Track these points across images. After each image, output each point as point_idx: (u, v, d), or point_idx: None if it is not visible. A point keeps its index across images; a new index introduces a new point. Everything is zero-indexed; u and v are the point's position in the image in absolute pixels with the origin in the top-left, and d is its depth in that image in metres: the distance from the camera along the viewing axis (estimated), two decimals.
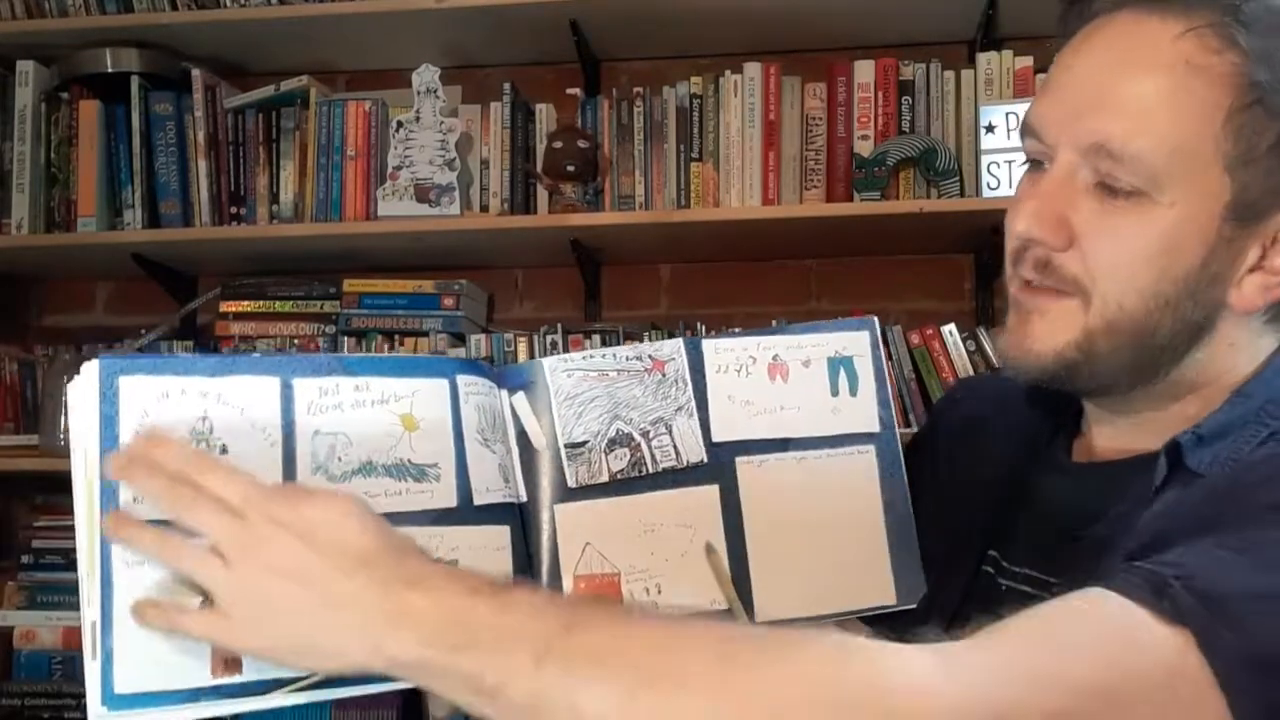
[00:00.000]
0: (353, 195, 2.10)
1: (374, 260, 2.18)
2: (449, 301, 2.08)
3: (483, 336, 2.08)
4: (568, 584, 0.84)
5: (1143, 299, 0.74)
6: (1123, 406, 0.81)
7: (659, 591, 0.85)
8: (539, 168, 2.09)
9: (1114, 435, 0.83)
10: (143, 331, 2.20)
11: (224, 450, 0.75)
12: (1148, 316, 0.74)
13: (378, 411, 0.80)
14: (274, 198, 2.13)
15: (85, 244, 2.11)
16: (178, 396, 0.75)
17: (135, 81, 2.12)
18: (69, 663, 2.06)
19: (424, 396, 0.81)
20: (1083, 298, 0.76)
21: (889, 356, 1.94)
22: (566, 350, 1.97)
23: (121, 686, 0.71)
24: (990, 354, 1.94)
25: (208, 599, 0.70)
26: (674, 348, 0.88)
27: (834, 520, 0.88)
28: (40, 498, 2.23)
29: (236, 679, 0.73)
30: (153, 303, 2.24)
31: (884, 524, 0.89)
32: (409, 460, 0.80)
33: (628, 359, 0.88)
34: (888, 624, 0.92)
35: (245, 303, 2.15)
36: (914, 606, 0.89)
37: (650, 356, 0.88)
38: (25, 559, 2.15)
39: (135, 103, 2.12)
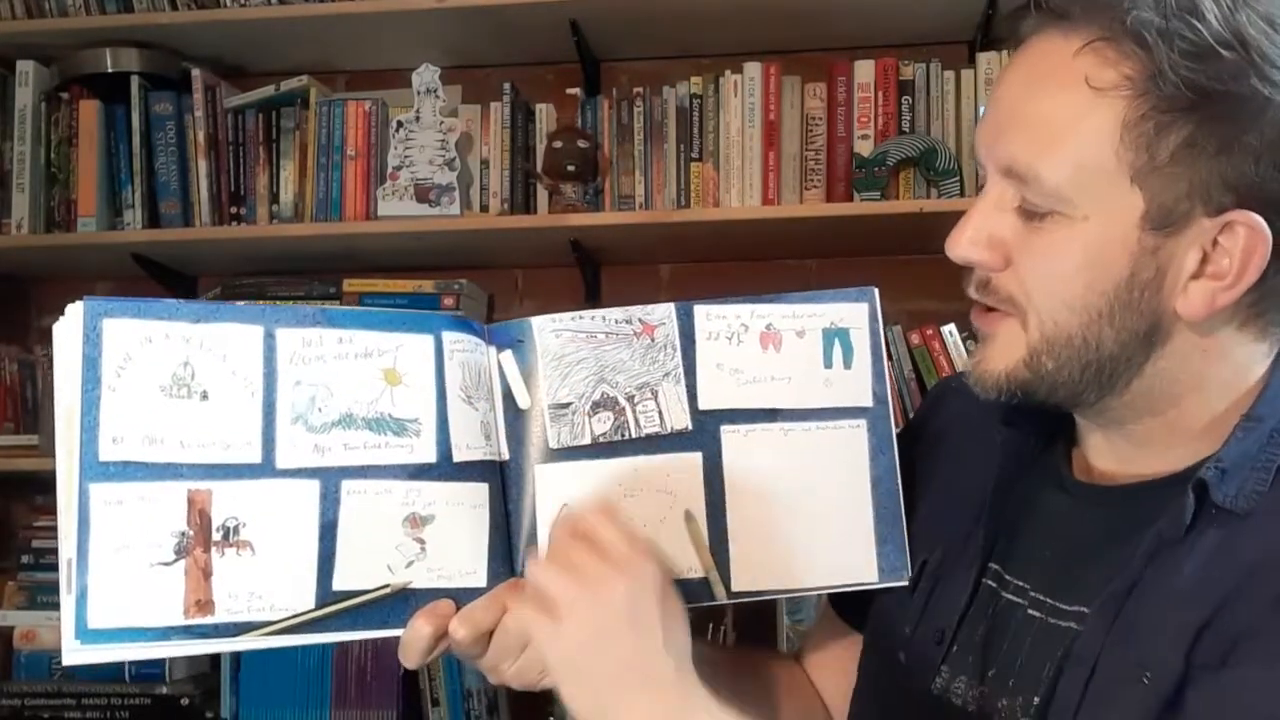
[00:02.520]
0: (353, 195, 2.10)
1: (374, 260, 2.18)
2: (449, 301, 2.08)
3: None
4: (544, 544, 0.84)
5: (1075, 314, 0.74)
6: (1106, 420, 0.80)
7: None
8: (539, 168, 2.09)
9: (1111, 452, 0.82)
10: None
11: (204, 397, 0.77)
12: (1084, 330, 0.74)
13: (360, 364, 0.80)
14: (274, 198, 2.13)
15: (85, 244, 2.11)
16: (161, 341, 0.76)
17: (135, 81, 2.12)
18: None
19: (408, 351, 0.82)
20: (1021, 317, 0.76)
21: (888, 357, 1.94)
22: None
23: (95, 622, 0.73)
24: None
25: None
26: (665, 312, 0.87)
27: (818, 494, 0.87)
28: (40, 498, 2.23)
29: (209, 620, 0.75)
30: None
31: (871, 500, 0.87)
32: (390, 414, 0.81)
33: (617, 322, 0.87)
34: (883, 630, 0.91)
35: (245, 302, 2.14)
36: (904, 584, 0.88)
37: (640, 320, 0.87)
38: (25, 559, 2.15)
39: (135, 103, 2.12)
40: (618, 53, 2.19)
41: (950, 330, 1.95)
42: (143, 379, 0.76)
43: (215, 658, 2.01)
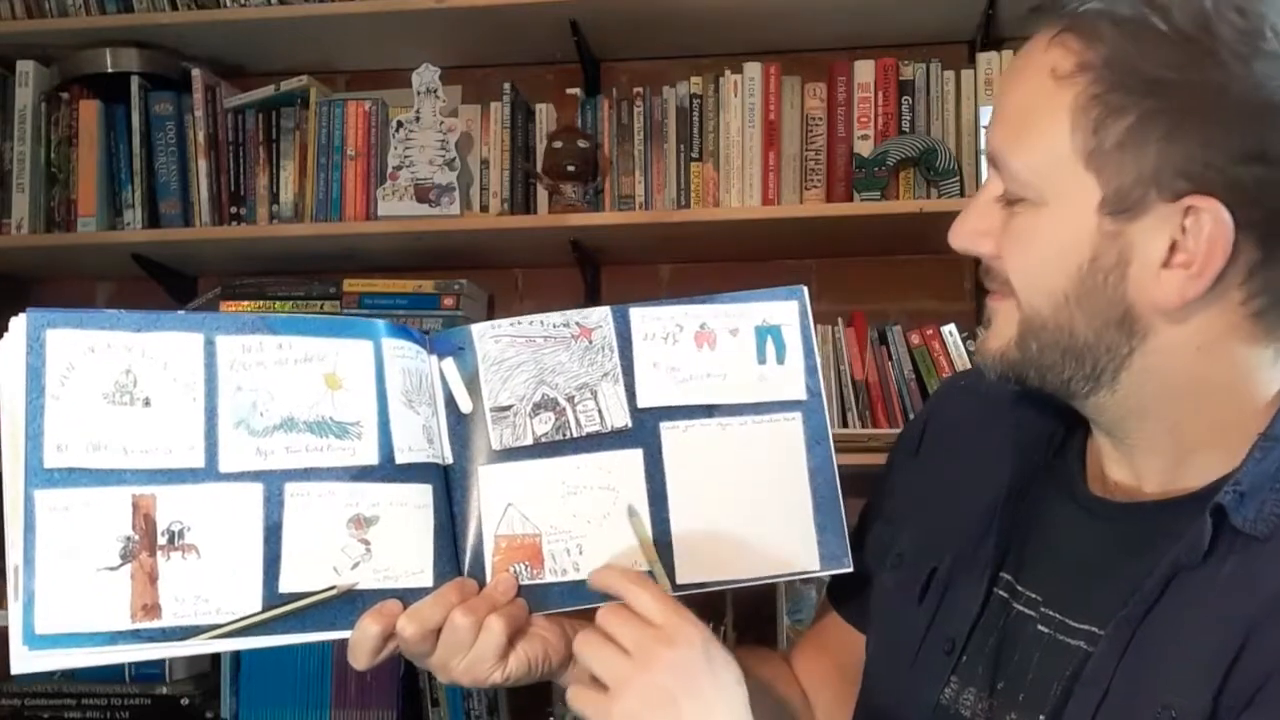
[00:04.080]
0: (353, 195, 2.10)
1: (374, 260, 2.19)
2: (449, 301, 2.08)
3: None
4: (489, 542, 0.85)
5: (1046, 298, 0.75)
6: (1108, 421, 0.80)
7: (580, 552, 0.86)
8: (539, 168, 2.09)
9: (1124, 463, 0.81)
10: None
11: (146, 403, 0.78)
12: (1056, 314, 0.75)
13: (301, 369, 0.82)
14: (274, 198, 2.14)
15: (85, 244, 2.12)
16: (103, 350, 0.78)
17: (135, 81, 2.12)
18: None
19: (348, 356, 0.83)
20: (1015, 299, 0.77)
21: (888, 357, 1.94)
22: None
23: (42, 627, 0.74)
24: None
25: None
26: (602, 315, 0.89)
27: (757, 486, 0.89)
28: None
29: (156, 624, 0.76)
30: (153, 303, 2.24)
31: (809, 490, 0.89)
32: (331, 417, 0.82)
33: (555, 326, 0.89)
34: (891, 637, 0.90)
35: (245, 303, 2.14)
36: (848, 570, 0.89)
37: (578, 323, 0.89)
38: None
39: (135, 103, 2.12)
40: (618, 53, 2.20)
41: (950, 330, 1.95)
42: (86, 387, 0.77)
43: (215, 657, 2.01)
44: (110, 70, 2.13)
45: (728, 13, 2.02)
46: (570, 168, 2.03)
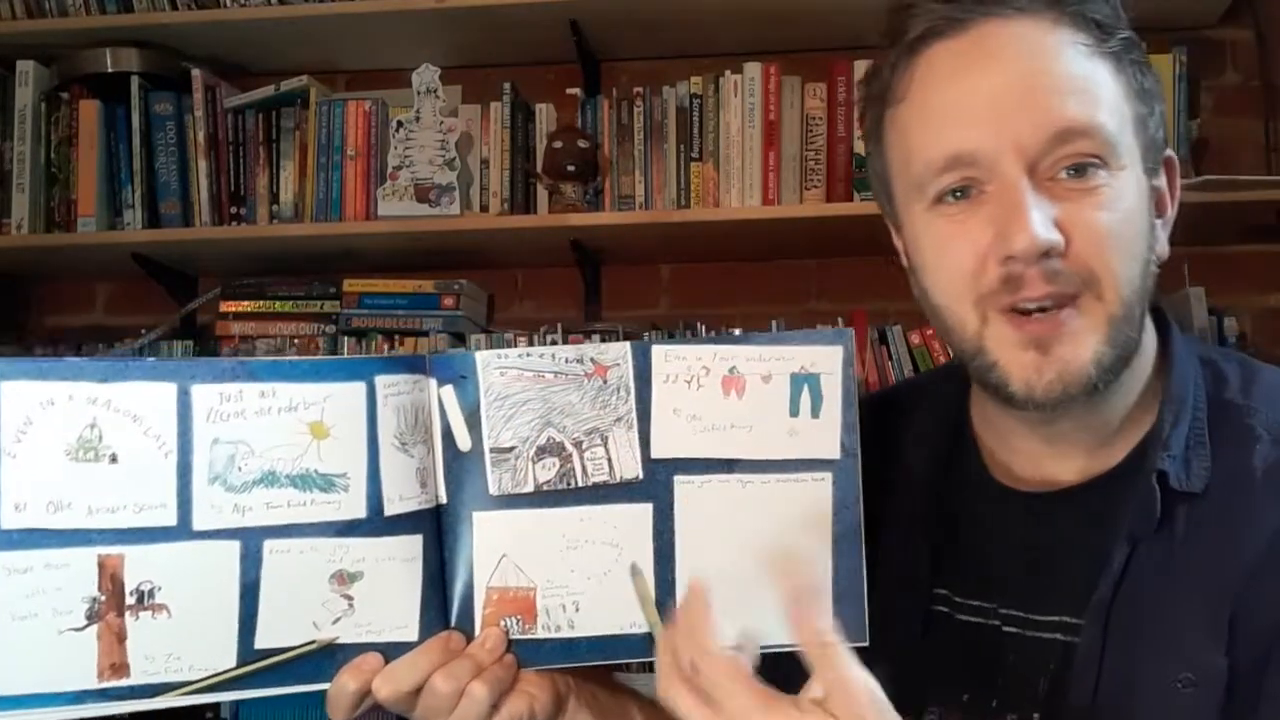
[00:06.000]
0: (353, 195, 2.10)
1: (374, 260, 2.19)
2: (449, 301, 2.09)
3: (483, 336, 2.08)
4: (480, 594, 0.81)
5: (1136, 263, 0.75)
6: (1069, 412, 0.77)
7: (576, 609, 0.81)
8: (539, 168, 2.09)
9: (1032, 453, 0.81)
10: (143, 331, 2.20)
11: (114, 459, 0.74)
12: (1144, 281, 0.75)
13: (284, 419, 0.77)
14: (274, 198, 2.14)
15: (85, 244, 2.12)
16: (64, 403, 0.73)
17: (135, 81, 2.12)
18: None
19: (337, 402, 0.78)
20: (1093, 290, 0.73)
21: (888, 357, 1.94)
22: None
23: (5, 688, 0.72)
24: None
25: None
26: (619, 352, 0.82)
27: (775, 550, 0.81)
28: None
29: (124, 682, 0.74)
30: (153, 303, 2.25)
31: (830, 558, 0.81)
32: (315, 470, 0.77)
33: (567, 361, 0.82)
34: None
35: (245, 303, 2.15)
36: (864, 644, 0.80)
37: (593, 360, 0.82)
38: None
39: (135, 103, 2.12)
40: (618, 53, 2.20)
41: None
42: (45, 443, 0.73)
43: None
44: (110, 70, 2.13)
45: (728, 13, 2.02)
46: (570, 168, 2.03)
